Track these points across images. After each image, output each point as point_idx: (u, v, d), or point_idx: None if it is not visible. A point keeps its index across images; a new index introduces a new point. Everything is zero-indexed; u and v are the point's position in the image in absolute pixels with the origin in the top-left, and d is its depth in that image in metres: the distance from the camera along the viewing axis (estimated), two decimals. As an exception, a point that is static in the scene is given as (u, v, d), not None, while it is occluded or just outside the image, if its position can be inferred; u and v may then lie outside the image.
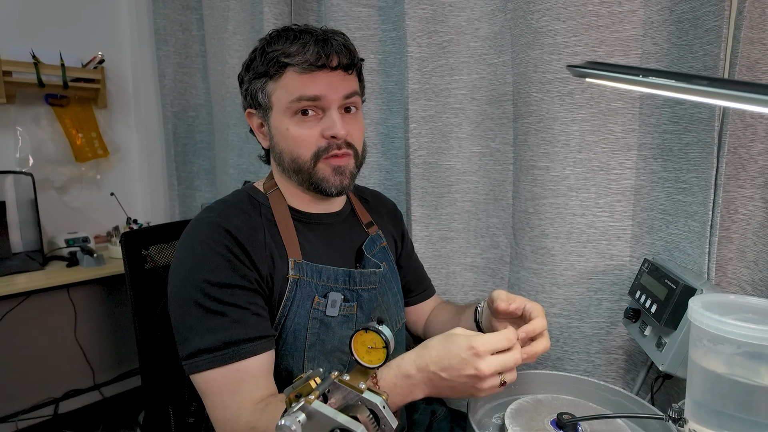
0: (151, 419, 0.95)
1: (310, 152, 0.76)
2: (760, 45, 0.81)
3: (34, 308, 1.77)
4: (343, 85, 0.76)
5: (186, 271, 0.71)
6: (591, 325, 1.04)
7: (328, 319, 0.77)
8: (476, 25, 1.13)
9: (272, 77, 0.76)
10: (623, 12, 0.93)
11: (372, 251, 0.89)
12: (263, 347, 0.70)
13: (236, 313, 0.69)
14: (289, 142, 0.77)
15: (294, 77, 0.75)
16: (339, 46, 0.75)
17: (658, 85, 0.45)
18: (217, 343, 0.68)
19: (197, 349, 0.68)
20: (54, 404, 1.87)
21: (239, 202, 0.80)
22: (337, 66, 0.75)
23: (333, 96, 0.75)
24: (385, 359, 0.52)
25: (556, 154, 1.01)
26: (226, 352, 0.68)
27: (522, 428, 0.64)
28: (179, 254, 0.74)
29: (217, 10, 1.54)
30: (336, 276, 0.79)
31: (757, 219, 0.86)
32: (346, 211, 0.90)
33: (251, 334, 0.69)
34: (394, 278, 0.93)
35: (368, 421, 0.47)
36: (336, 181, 0.78)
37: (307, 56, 0.73)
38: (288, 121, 0.76)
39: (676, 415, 0.57)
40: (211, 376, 0.68)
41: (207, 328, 0.68)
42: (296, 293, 0.75)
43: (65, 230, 1.78)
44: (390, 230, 0.99)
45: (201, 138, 1.83)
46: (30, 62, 1.60)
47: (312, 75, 0.74)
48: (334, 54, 0.74)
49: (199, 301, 0.69)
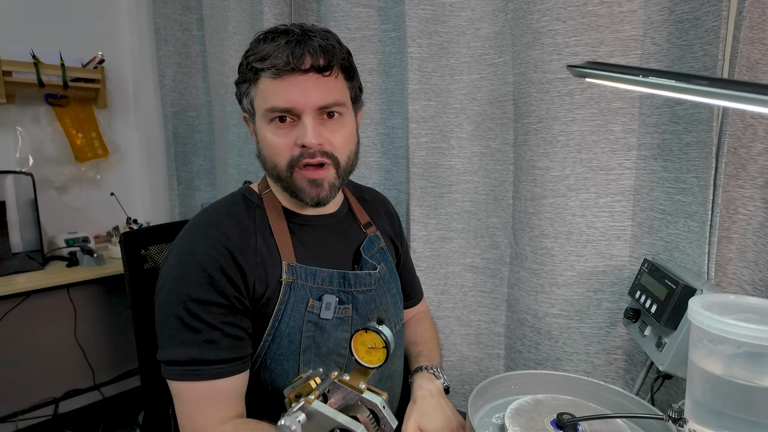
0: (151, 419, 0.95)
1: (284, 161, 0.74)
2: (760, 45, 0.81)
3: (34, 308, 1.77)
4: (318, 89, 0.72)
5: (171, 281, 0.71)
6: (591, 326, 1.04)
7: (323, 322, 0.77)
8: (476, 25, 1.13)
9: (251, 83, 0.75)
10: (623, 12, 0.93)
11: (370, 252, 0.88)
12: (232, 370, 0.70)
13: (210, 333, 0.69)
14: (267, 150, 0.76)
15: (267, 83, 0.72)
16: (313, 47, 0.71)
17: (658, 85, 0.45)
18: (187, 358, 0.69)
19: (169, 359, 0.70)
20: (54, 404, 1.87)
21: (233, 205, 0.79)
22: (310, 68, 0.71)
23: (305, 102, 0.71)
24: (385, 359, 0.52)
25: (556, 154, 1.01)
26: (195, 369, 0.68)
27: (522, 428, 0.64)
28: (170, 261, 0.74)
29: (217, 10, 1.54)
30: (330, 278, 0.79)
31: (757, 219, 0.86)
32: (342, 212, 0.89)
33: (222, 355, 0.69)
34: (393, 279, 0.92)
35: (368, 421, 0.47)
36: (313, 193, 0.75)
37: (276, 60, 0.70)
38: (266, 127, 0.75)
39: (676, 415, 0.57)
40: (183, 386, 0.69)
41: (181, 341, 0.69)
42: (290, 296, 0.75)
43: (65, 230, 1.78)
44: (388, 231, 0.98)
45: (201, 138, 1.83)
46: (30, 62, 1.60)
47: (283, 80, 0.71)
48: (307, 55, 0.70)
49: (177, 313, 0.69)
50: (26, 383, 1.81)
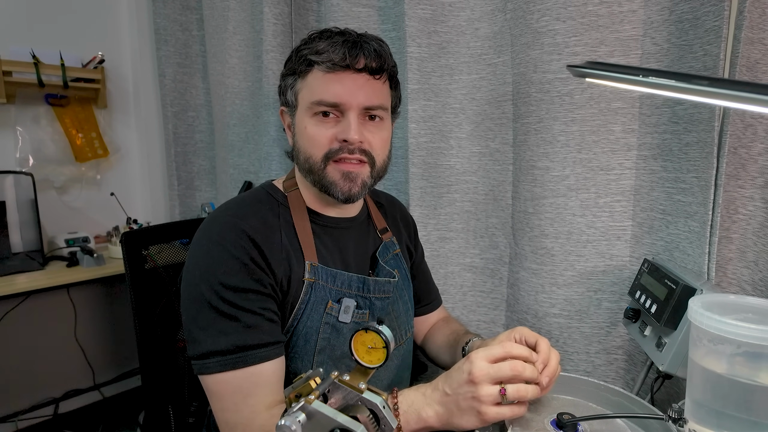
0: (151, 419, 0.95)
1: (321, 153, 0.75)
2: (760, 45, 0.81)
3: (34, 308, 1.78)
4: (367, 90, 0.75)
5: (201, 272, 0.70)
6: (591, 325, 1.04)
7: (340, 325, 0.77)
8: (476, 25, 1.13)
9: (300, 75, 0.77)
10: (623, 12, 0.93)
11: (385, 258, 0.88)
12: (276, 353, 0.70)
13: (250, 318, 0.69)
14: (305, 141, 0.77)
15: (319, 76, 0.74)
16: (369, 49, 0.74)
17: (658, 85, 0.45)
18: (229, 347, 0.67)
19: (208, 350, 0.68)
20: (54, 404, 1.87)
21: (257, 202, 0.79)
22: (363, 68, 0.74)
23: (353, 100, 0.74)
24: (385, 359, 0.51)
25: (556, 154, 1.01)
26: (239, 356, 0.67)
27: (522, 428, 0.64)
28: (195, 253, 0.73)
29: (217, 10, 1.54)
30: (350, 282, 0.79)
31: (757, 219, 0.86)
32: (362, 216, 0.89)
33: (265, 339, 0.69)
34: (406, 287, 0.92)
35: (368, 421, 0.47)
36: (345, 187, 0.76)
37: (333, 55, 0.73)
38: (308, 120, 0.76)
39: (676, 415, 0.57)
40: (223, 378, 0.68)
41: (219, 330, 0.68)
42: (311, 296, 0.75)
43: (65, 230, 1.78)
44: (404, 237, 0.98)
45: (201, 138, 1.83)
46: (30, 62, 1.60)
47: (336, 75, 0.73)
48: (362, 56, 0.73)
49: (212, 302, 0.68)
50: (26, 383, 1.81)
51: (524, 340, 0.71)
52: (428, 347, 1.00)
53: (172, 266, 1.02)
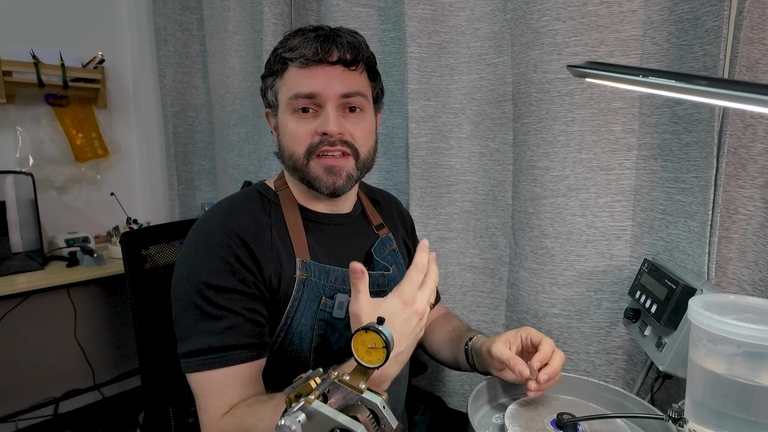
0: (151, 419, 0.95)
1: (303, 148, 0.75)
2: (760, 45, 0.81)
3: (34, 308, 1.77)
4: (342, 81, 0.74)
5: (188, 271, 0.71)
6: (591, 325, 1.04)
7: (335, 321, 0.77)
8: (476, 25, 1.13)
9: (277, 74, 0.77)
10: (623, 12, 0.93)
11: (381, 254, 0.88)
12: (253, 355, 0.70)
13: (231, 319, 0.69)
14: (287, 138, 0.77)
15: (294, 72, 0.75)
16: (341, 42, 0.74)
17: (658, 85, 0.45)
18: (208, 346, 0.68)
19: (190, 350, 0.69)
20: (54, 404, 1.87)
21: (248, 201, 0.79)
22: (337, 61, 0.74)
23: (330, 91, 0.74)
24: (385, 359, 0.51)
25: (556, 154, 1.01)
26: (216, 357, 0.68)
27: (522, 428, 0.64)
28: (184, 252, 0.74)
29: (217, 10, 1.54)
30: (344, 277, 0.78)
31: (757, 219, 0.86)
32: (356, 213, 0.89)
33: (243, 340, 0.69)
34: None
35: (368, 421, 0.47)
36: (329, 181, 0.76)
37: (305, 51, 0.73)
38: (289, 117, 0.76)
39: (676, 415, 0.57)
40: (200, 377, 0.68)
41: (201, 330, 0.68)
42: (303, 294, 0.75)
43: (65, 230, 1.78)
44: (401, 233, 0.98)
45: (201, 138, 1.83)
46: (30, 62, 1.60)
47: (310, 70, 0.74)
48: (335, 48, 0.74)
49: (196, 302, 0.69)
50: (26, 383, 1.81)
51: (530, 339, 0.71)
52: (428, 343, 1.00)
53: (172, 266, 1.02)
